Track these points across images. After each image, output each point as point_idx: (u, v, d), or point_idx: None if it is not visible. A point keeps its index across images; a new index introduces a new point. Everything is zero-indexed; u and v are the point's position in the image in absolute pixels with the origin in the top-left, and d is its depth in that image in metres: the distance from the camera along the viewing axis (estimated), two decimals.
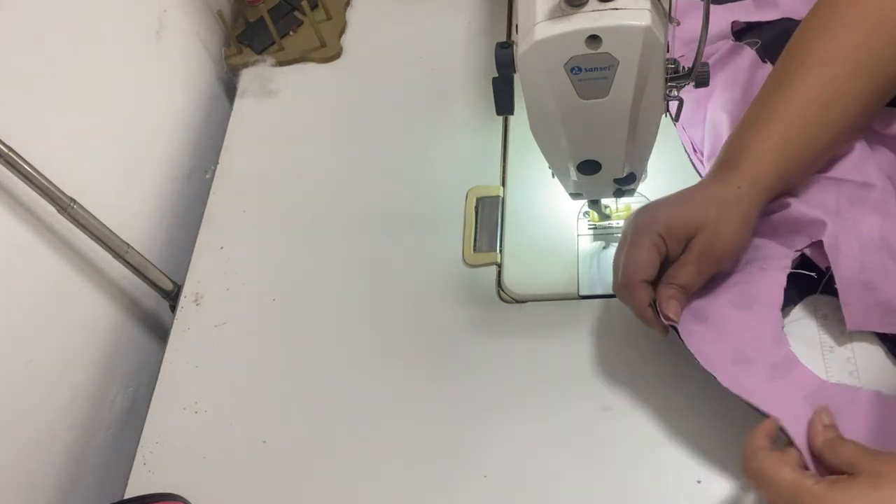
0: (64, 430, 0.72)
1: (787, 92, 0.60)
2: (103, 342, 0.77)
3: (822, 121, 0.60)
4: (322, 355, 0.72)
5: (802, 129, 0.60)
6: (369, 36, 0.93)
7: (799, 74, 0.60)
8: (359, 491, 0.65)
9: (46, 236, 0.70)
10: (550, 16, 0.48)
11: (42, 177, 0.65)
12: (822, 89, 0.60)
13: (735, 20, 0.76)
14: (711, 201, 0.58)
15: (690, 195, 0.60)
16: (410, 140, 0.83)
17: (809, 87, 0.60)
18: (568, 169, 0.61)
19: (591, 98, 0.52)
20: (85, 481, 0.74)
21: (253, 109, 0.90)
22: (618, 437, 0.63)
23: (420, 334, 0.71)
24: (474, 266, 0.74)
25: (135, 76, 0.82)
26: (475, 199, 0.78)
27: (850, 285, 0.60)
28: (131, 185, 0.82)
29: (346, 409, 0.69)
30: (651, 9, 0.48)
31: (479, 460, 0.64)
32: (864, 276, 0.60)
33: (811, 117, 0.60)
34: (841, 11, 0.61)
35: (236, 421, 0.70)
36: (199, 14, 0.92)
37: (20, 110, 0.67)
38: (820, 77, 0.60)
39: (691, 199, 0.60)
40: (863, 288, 0.60)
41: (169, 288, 0.81)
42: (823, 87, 0.60)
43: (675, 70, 0.53)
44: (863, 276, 0.60)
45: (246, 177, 0.85)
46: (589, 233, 0.73)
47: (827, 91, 0.60)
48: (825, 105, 0.60)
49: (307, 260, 0.78)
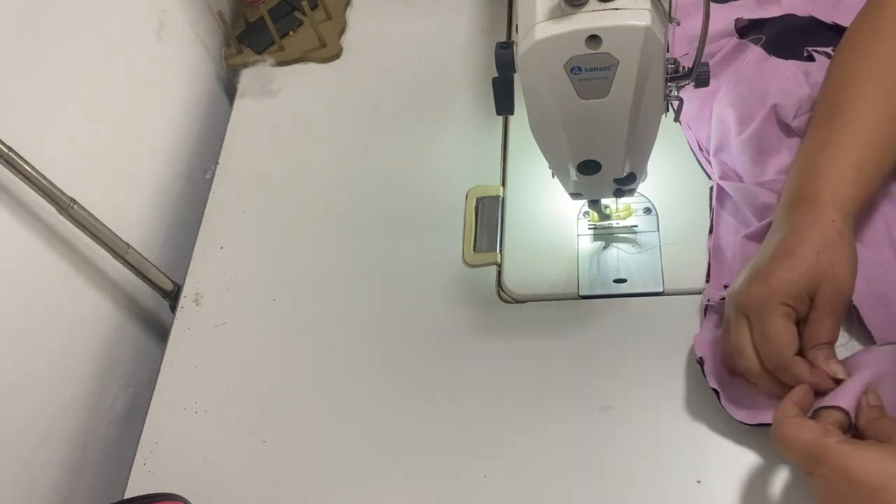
0: (64, 430, 0.72)
1: (850, 114, 0.60)
2: (103, 342, 0.77)
3: (891, 136, 0.60)
4: (322, 355, 0.72)
5: (876, 147, 0.59)
6: (369, 36, 0.93)
7: (858, 95, 0.60)
8: (359, 491, 0.65)
9: (46, 236, 0.70)
10: (550, 16, 0.48)
11: (42, 177, 0.65)
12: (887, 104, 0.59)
13: (738, 17, 0.76)
14: (816, 248, 0.56)
15: (789, 248, 0.57)
16: (410, 140, 0.83)
17: (873, 105, 0.59)
18: (568, 169, 0.61)
19: (591, 98, 0.52)
20: (85, 481, 0.74)
21: (253, 109, 0.90)
22: (618, 437, 0.63)
23: (420, 334, 0.71)
24: (474, 266, 0.74)
25: (135, 76, 0.82)
26: (475, 199, 0.78)
27: (865, 299, 0.60)
28: (131, 185, 0.82)
29: (346, 408, 0.69)
30: (651, 9, 0.48)
31: (478, 460, 0.64)
32: (874, 289, 0.60)
33: (881, 133, 0.59)
34: (882, 26, 0.61)
35: (236, 421, 0.70)
36: (199, 14, 0.92)
37: (20, 110, 0.67)
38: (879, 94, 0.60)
39: (794, 253, 0.56)
40: (876, 300, 0.60)
41: (169, 288, 0.81)
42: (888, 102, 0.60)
43: (675, 70, 0.53)
44: (873, 289, 0.60)
45: (246, 177, 0.85)
46: (589, 233, 0.73)
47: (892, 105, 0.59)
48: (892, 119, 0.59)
49: (307, 260, 0.78)
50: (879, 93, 0.60)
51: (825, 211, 0.58)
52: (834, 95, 0.62)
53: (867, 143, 0.59)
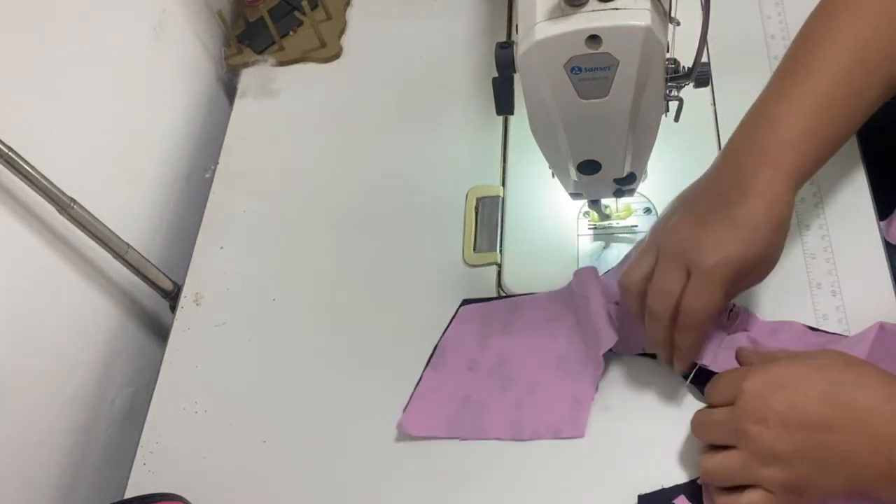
0: (64, 430, 0.72)
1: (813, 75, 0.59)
2: (103, 342, 0.77)
3: (847, 114, 0.59)
4: (322, 355, 0.72)
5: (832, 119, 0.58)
6: (369, 36, 0.93)
7: (822, 57, 0.59)
8: (358, 491, 0.65)
9: (46, 236, 0.70)
10: (550, 16, 0.48)
11: (42, 177, 0.65)
12: (843, 82, 0.59)
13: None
14: (774, 228, 0.55)
15: (753, 222, 0.55)
16: (410, 140, 0.83)
17: (835, 70, 0.59)
18: (568, 169, 0.61)
19: (591, 98, 0.52)
20: (85, 481, 0.74)
21: (253, 109, 0.90)
22: (618, 437, 0.63)
23: (420, 334, 0.71)
24: (474, 266, 0.74)
25: (135, 76, 0.82)
26: (475, 199, 0.78)
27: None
28: (131, 185, 0.82)
29: (346, 409, 0.69)
30: (651, 9, 0.48)
31: (478, 460, 0.64)
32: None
33: (838, 113, 0.59)
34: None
35: (236, 421, 0.70)
36: (199, 14, 0.92)
37: (20, 110, 0.67)
38: (840, 71, 0.59)
39: (759, 229, 0.55)
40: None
41: (169, 288, 0.81)
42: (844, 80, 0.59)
43: (675, 70, 0.53)
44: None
45: (246, 177, 0.85)
46: (589, 233, 0.73)
47: (849, 84, 0.59)
48: (849, 98, 0.59)
49: (307, 260, 0.78)
50: (841, 56, 0.59)
51: (788, 186, 0.56)
52: (803, 55, 0.61)
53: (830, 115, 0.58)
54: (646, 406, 0.64)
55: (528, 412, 0.64)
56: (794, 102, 0.59)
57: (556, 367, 0.66)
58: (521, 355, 0.67)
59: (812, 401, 0.51)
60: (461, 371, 0.67)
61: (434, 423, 0.65)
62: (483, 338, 0.68)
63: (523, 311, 0.69)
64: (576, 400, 0.64)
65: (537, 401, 0.65)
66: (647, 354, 0.64)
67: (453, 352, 0.68)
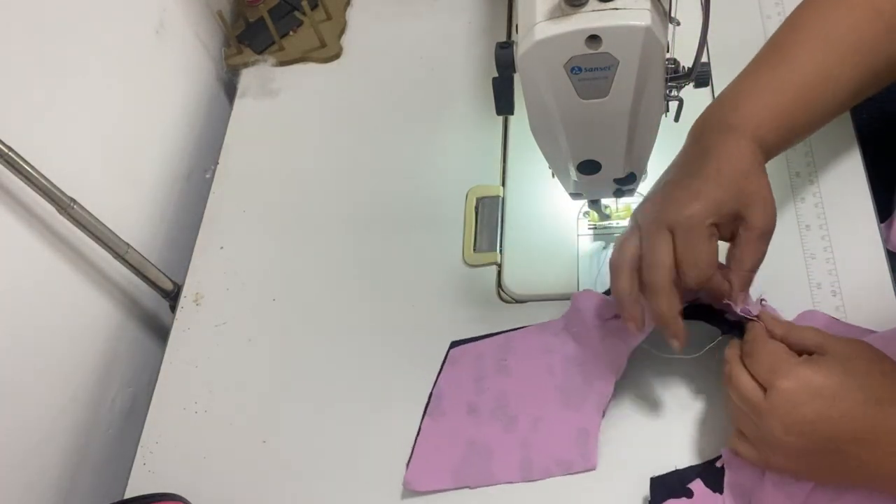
0: (64, 430, 0.72)
1: (789, 61, 0.59)
2: (103, 342, 0.77)
3: (821, 93, 0.59)
4: (322, 355, 0.72)
5: (805, 100, 0.59)
6: (369, 36, 0.93)
7: (802, 45, 0.60)
8: (358, 491, 0.65)
9: (46, 236, 0.70)
10: (550, 16, 0.48)
11: (42, 177, 0.65)
12: (816, 67, 0.59)
13: None
14: (744, 172, 0.55)
15: (718, 168, 0.55)
16: (410, 140, 0.83)
17: (813, 59, 0.59)
18: (568, 169, 0.61)
19: (591, 98, 0.52)
20: (85, 481, 0.74)
21: (253, 109, 0.90)
22: (617, 437, 0.63)
23: (420, 334, 0.71)
24: (474, 266, 0.74)
25: (135, 76, 0.82)
26: (475, 199, 0.78)
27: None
28: (131, 185, 0.82)
29: (346, 408, 0.69)
30: (651, 9, 0.48)
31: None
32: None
33: (808, 94, 0.59)
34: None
35: (236, 421, 0.70)
36: (199, 14, 0.92)
37: (20, 110, 0.67)
38: (814, 57, 0.59)
39: (723, 172, 0.55)
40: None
41: (169, 288, 0.81)
42: (817, 65, 0.59)
43: (675, 70, 0.53)
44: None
45: (246, 177, 0.85)
46: (589, 233, 0.73)
47: (822, 69, 0.59)
48: (821, 82, 0.59)
49: (307, 260, 0.78)
50: (818, 42, 0.59)
51: (751, 148, 0.56)
52: (780, 40, 0.62)
53: (798, 94, 0.58)
54: (646, 406, 0.64)
55: (536, 450, 0.63)
56: (762, 80, 0.59)
57: (557, 400, 0.64)
58: (519, 392, 0.65)
59: (846, 416, 0.50)
60: (461, 416, 0.65)
61: (440, 476, 0.63)
62: (478, 379, 0.67)
63: (516, 347, 0.67)
64: (582, 430, 0.62)
65: (543, 436, 0.63)
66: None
67: (450, 397, 0.66)
